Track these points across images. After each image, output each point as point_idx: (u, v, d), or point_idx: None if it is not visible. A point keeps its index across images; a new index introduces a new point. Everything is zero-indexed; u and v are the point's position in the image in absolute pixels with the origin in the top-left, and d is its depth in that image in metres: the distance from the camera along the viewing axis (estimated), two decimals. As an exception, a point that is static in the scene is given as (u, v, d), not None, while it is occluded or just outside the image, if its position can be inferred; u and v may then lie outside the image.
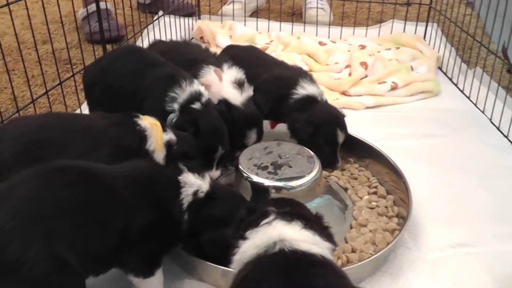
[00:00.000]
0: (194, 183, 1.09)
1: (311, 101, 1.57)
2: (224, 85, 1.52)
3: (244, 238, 0.90)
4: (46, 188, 0.94)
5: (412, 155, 1.64)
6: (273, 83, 1.62)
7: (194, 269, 1.19)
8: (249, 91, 1.56)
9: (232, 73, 1.57)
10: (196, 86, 1.43)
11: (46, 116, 1.38)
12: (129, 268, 1.05)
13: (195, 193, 1.08)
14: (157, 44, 1.84)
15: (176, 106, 1.40)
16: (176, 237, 1.09)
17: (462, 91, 2.10)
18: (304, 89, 1.57)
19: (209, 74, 1.53)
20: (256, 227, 0.90)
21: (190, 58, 1.64)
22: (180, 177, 1.08)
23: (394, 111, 1.95)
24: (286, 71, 1.69)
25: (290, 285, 0.80)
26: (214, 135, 1.39)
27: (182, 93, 1.40)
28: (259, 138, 1.52)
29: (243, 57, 1.73)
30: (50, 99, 1.83)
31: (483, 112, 1.94)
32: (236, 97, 1.51)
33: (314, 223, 0.93)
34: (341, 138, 1.52)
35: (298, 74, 1.64)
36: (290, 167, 1.33)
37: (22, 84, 2.04)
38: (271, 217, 0.90)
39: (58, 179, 0.96)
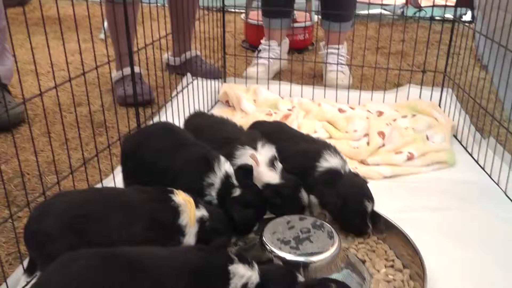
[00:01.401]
0: (244, 275, 1.14)
1: (336, 174, 1.67)
2: (262, 169, 1.62)
3: None
4: (94, 274, 1.02)
5: (428, 228, 1.72)
6: (298, 157, 1.72)
7: None
8: (279, 165, 1.66)
9: (266, 152, 1.66)
10: (228, 167, 1.54)
11: (87, 192, 1.49)
12: None
13: (245, 286, 1.14)
14: (195, 118, 1.97)
15: (213, 193, 1.51)
16: None
17: (476, 161, 2.17)
18: (327, 162, 1.68)
19: (246, 159, 1.63)
20: None
21: (225, 136, 1.76)
22: (230, 267, 1.14)
23: (410, 181, 2.03)
24: (311, 144, 1.80)
25: None
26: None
27: (216, 178, 1.51)
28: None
29: (271, 132, 1.83)
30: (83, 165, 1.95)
31: (497, 184, 2.01)
32: (275, 178, 1.62)
33: None
34: (370, 207, 1.63)
35: (322, 147, 1.74)
36: (311, 242, 1.41)
37: (58, 147, 2.16)
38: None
39: (108, 267, 1.05)
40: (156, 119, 2.31)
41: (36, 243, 1.24)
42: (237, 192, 1.54)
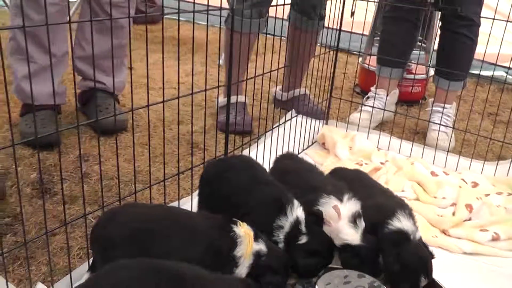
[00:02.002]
0: None
1: (404, 237, 1.65)
2: (342, 224, 1.63)
3: None
4: (138, 284, 1.11)
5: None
6: (372, 210, 1.72)
7: None
8: (362, 224, 1.66)
9: (351, 206, 1.67)
10: (300, 213, 1.58)
11: (155, 207, 1.61)
12: None
13: None
14: (283, 160, 2.02)
15: (281, 236, 1.56)
16: None
17: None
18: (399, 222, 1.67)
19: (329, 209, 1.65)
20: None
21: (310, 184, 1.79)
22: None
23: (490, 263, 1.95)
24: (387, 200, 1.81)
25: None
26: None
27: (286, 221, 1.56)
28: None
29: (349, 180, 1.87)
30: (171, 179, 2.07)
31: None
32: (355, 239, 1.63)
33: None
34: (423, 283, 1.60)
35: (398, 205, 1.74)
36: (360, 302, 1.42)
37: (151, 160, 2.29)
38: None
39: (151, 279, 1.12)
40: (249, 150, 2.39)
41: (98, 246, 1.36)
42: (303, 239, 1.57)
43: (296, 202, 1.61)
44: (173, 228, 1.40)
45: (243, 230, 1.42)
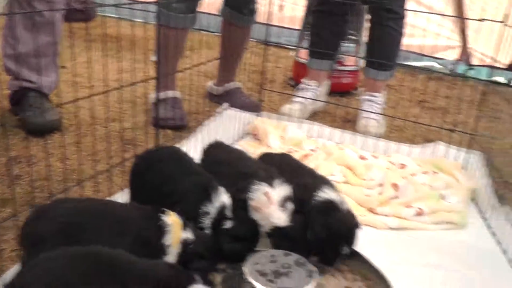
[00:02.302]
0: None
1: (331, 207, 1.74)
2: (272, 208, 1.69)
3: None
4: (66, 271, 1.13)
5: (418, 283, 1.75)
6: (299, 189, 1.78)
7: None
8: (291, 206, 1.72)
9: (281, 191, 1.73)
10: (225, 198, 1.65)
11: (85, 201, 1.62)
12: None
13: None
14: (213, 150, 2.07)
15: (208, 222, 1.61)
16: None
17: (489, 228, 2.18)
18: (325, 194, 1.75)
19: (260, 196, 1.70)
20: None
21: (242, 171, 1.84)
22: (191, 287, 1.24)
23: (414, 236, 2.05)
24: (314, 178, 1.89)
25: None
26: None
27: (212, 207, 1.62)
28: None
29: (277, 164, 1.93)
30: (105, 174, 2.09)
31: (504, 253, 2.01)
32: (283, 220, 1.68)
33: None
34: (345, 251, 1.69)
35: (322, 182, 1.83)
36: (289, 277, 1.48)
37: (83, 158, 2.30)
38: None
39: (79, 265, 1.15)
40: (183, 143, 2.43)
41: (28, 243, 1.37)
42: (228, 224, 1.64)
43: (221, 189, 1.67)
44: (102, 220, 1.42)
45: (171, 219, 1.46)
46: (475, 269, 1.90)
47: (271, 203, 1.69)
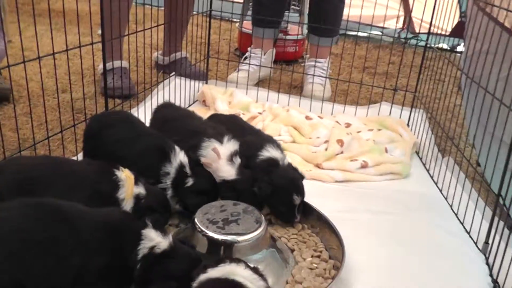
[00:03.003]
0: (153, 239, 1.26)
1: (273, 163, 1.80)
2: (221, 163, 1.75)
3: (204, 272, 1.18)
4: (19, 220, 1.14)
5: (363, 228, 1.82)
6: (245, 146, 1.84)
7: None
8: (238, 161, 1.78)
9: (229, 146, 1.79)
10: (183, 157, 1.69)
11: (41, 158, 1.63)
12: None
13: (152, 248, 1.25)
14: (162, 109, 2.09)
15: (168, 182, 1.66)
16: (126, 282, 1.25)
17: (431, 177, 2.27)
18: (268, 152, 1.81)
19: (209, 152, 1.76)
20: (216, 267, 1.19)
21: (191, 129, 1.88)
22: (143, 231, 1.26)
23: (360, 187, 2.13)
24: (257, 137, 1.94)
25: None
26: None
27: (171, 167, 1.66)
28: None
29: (225, 124, 1.97)
30: (57, 143, 2.09)
31: (445, 198, 2.10)
32: (232, 174, 1.74)
33: (255, 269, 1.22)
34: (297, 201, 1.74)
35: (265, 141, 1.88)
36: (238, 224, 1.52)
37: (36, 127, 2.29)
38: (227, 262, 1.20)
39: (33, 213, 1.16)
40: (132, 112, 2.43)
41: None
42: (190, 182, 1.68)
43: (177, 148, 1.70)
44: (57, 175, 1.43)
45: (124, 174, 1.49)
46: (418, 212, 1.99)
47: (220, 158, 1.75)
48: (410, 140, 2.49)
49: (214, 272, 1.17)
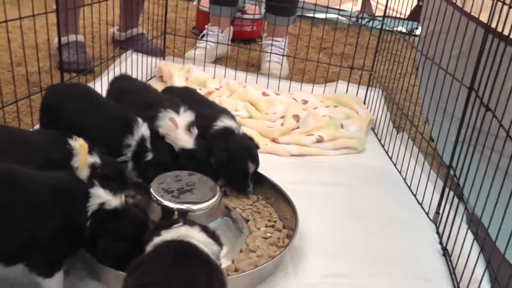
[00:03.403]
0: (102, 196, 1.26)
1: (229, 133, 1.82)
2: (179, 132, 1.75)
3: (158, 235, 1.17)
4: None
5: (316, 198, 1.86)
6: (201, 117, 1.85)
7: (96, 272, 1.38)
8: (195, 131, 1.78)
9: (186, 117, 1.80)
10: (145, 130, 1.69)
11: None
12: (31, 267, 1.21)
13: (101, 204, 1.25)
14: (119, 81, 2.07)
15: (129, 154, 1.66)
16: (79, 243, 1.26)
17: (386, 152, 2.31)
18: (222, 122, 1.84)
19: (166, 122, 1.76)
20: (169, 229, 1.18)
21: (147, 100, 1.88)
22: (90, 190, 1.26)
23: (315, 161, 2.16)
24: (212, 109, 1.97)
25: (173, 261, 1.09)
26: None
27: (133, 140, 1.66)
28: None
29: (179, 96, 1.97)
30: (12, 115, 2.05)
31: (399, 171, 2.15)
32: (190, 143, 1.75)
33: (210, 233, 1.21)
34: (251, 168, 1.76)
35: (220, 112, 1.91)
36: (192, 193, 1.53)
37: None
38: (181, 223, 1.19)
39: None
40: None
41: None
42: (149, 156, 1.69)
43: (140, 121, 1.70)
44: (12, 144, 1.42)
45: (78, 143, 1.48)
46: (372, 185, 2.03)
47: (177, 128, 1.75)
48: (366, 117, 2.52)
49: (168, 235, 1.16)
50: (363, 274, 1.52)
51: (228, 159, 1.74)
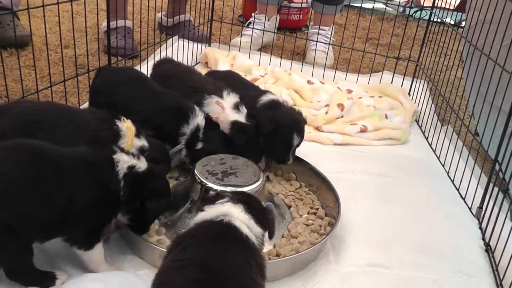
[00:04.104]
0: (127, 161, 1.30)
1: (276, 104, 1.85)
2: (228, 112, 1.77)
3: (202, 210, 1.18)
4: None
5: (360, 188, 1.85)
6: (244, 99, 1.85)
7: (138, 248, 1.41)
8: (244, 110, 1.80)
9: (230, 99, 1.81)
10: (200, 120, 1.72)
11: (44, 103, 1.65)
12: (71, 241, 1.26)
13: (131, 168, 1.29)
14: (163, 65, 2.09)
15: (183, 142, 1.70)
16: (113, 210, 1.30)
17: (429, 144, 2.29)
18: (267, 97, 1.88)
19: (213, 107, 1.79)
20: (212, 204, 1.18)
21: (191, 86, 1.90)
22: (114, 156, 1.29)
23: (359, 150, 2.15)
24: (255, 91, 1.99)
25: (211, 241, 1.09)
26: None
27: (188, 129, 1.70)
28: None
29: (223, 80, 1.99)
30: (59, 95, 2.11)
31: (443, 165, 2.12)
32: (242, 118, 1.77)
33: (258, 212, 1.19)
34: (296, 141, 1.78)
35: (263, 92, 1.95)
36: (236, 177, 1.54)
37: (39, 79, 2.29)
38: (225, 199, 1.18)
39: (13, 154, 1.19)
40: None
41: None
42: (199, 145, 1.72)
43: (197, 110, 1.72)
44: (62, 120, 1.45)
45: (125, 125, 1.51)
46: (415, 177, 2.00)
47: (224, 110, 1.77)
48: (411, 108, 2.50)
49: (210, 211, 1.16)
50: (404, 265, 1.52)
51: (275, 128, 1.75)
